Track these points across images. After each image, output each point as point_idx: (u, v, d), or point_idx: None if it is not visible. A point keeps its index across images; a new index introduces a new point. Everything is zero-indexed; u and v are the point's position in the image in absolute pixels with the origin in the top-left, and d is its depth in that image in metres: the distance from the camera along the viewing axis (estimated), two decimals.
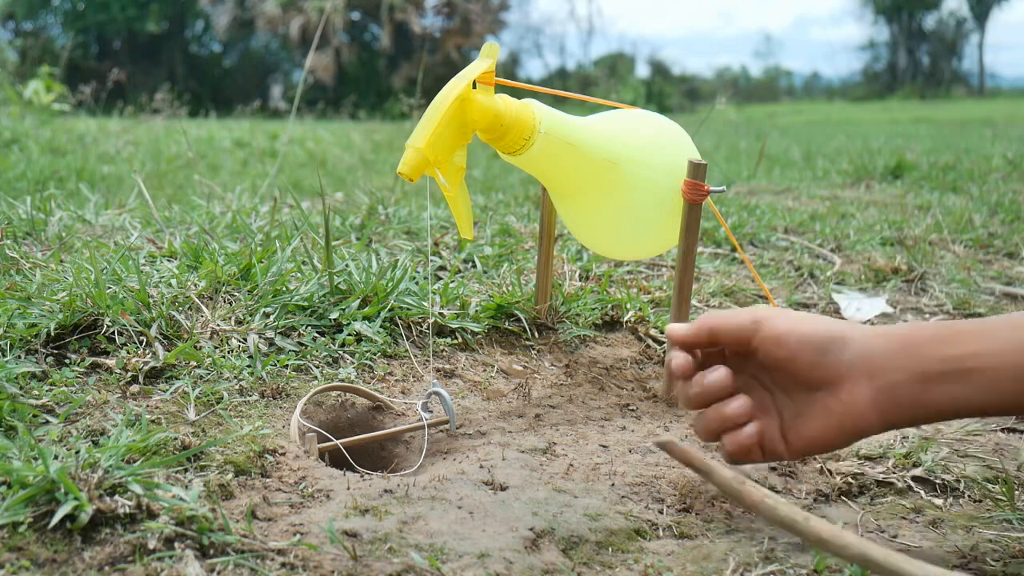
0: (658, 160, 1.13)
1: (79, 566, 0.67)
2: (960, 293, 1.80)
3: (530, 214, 2.31)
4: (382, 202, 2.15)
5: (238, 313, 1.22)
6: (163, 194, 3.11)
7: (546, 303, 1.37)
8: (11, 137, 5.31)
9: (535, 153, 1.06)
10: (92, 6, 26.20)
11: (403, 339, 1.25)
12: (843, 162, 4.55)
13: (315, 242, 1.61)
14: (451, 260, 1.67)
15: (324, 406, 1.09)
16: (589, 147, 1.09)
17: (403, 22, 23.93)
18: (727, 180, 3.74)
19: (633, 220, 1.16)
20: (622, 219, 1.16)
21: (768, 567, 0.78)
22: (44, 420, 0.91)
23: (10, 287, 1.20)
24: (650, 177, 1.12)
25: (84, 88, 7.72)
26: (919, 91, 35.63)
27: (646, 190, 1.13)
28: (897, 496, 0.96)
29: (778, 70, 50.66)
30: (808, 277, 1.89)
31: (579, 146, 1.08)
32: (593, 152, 1.09)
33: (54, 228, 1.71)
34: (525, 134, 1.05)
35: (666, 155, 1.14)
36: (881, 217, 2.61)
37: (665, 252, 1.86)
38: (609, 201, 1.14)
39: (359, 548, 0.74)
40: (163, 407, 0.98)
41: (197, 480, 0.82)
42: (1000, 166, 4.32)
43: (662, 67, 34.71)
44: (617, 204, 1.14)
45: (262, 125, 9.33)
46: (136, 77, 19.92)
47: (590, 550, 0.79)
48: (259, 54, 29.09)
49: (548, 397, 1.20)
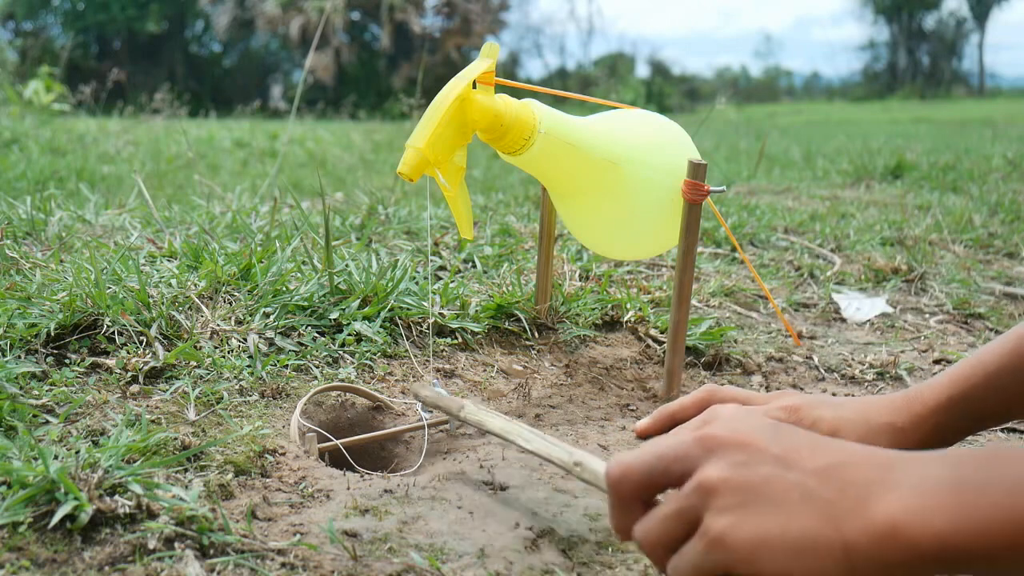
0: (658, 160, 1.13)
1: (79, 566, 0.67)
2: (960, 293, 1.80)
3: (530, 214, 2.31)
4: (382, 202, 2.15)
5: (238, 313, 1.22)
6: (163, 194, 3.11)
7: (546, 303, 1.37)
8: (11, 137, 5.31)
9: (535, 153, 1.06)
10: (92, 6, 26.20)
11: (403, 339, 1.25)
12: (843, 162, 4.56)
13: (315, 242, 1.61)
14: (451, 260, 1.67)
15: (324, 406, 1.09)
16: (589, 147, 1.09)
17: (403, 22, 23.93)
18: (727, 180, 3.74)
19: (633, 220, 1.16)
20: (622, 219, 1.16)
21: None
22: (44, 420, 0.91)
23: (10, 287, 1.20)
24: (650, 177, 1.12)
25: (84, 88, 7.73)
26: (919, 91, 35.64)
27: (646, 190, 1.13)
28: None
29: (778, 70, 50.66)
30: (808, 277, 1.89)
31: (579, 146, 1.08)
32: (593, 152, 1.09)
33: (54, 228, 1.71)
34: (525, 134, 1.05)
35: (666, 155, 1.14)
36: (881, 217, 2.61)
37: (665, 252, 1.86)
38: (609, 201, 1.14)
39: (359, 548, 0.74)
40: (163, 407, 0.98)
41: (197, 480, 0.82)
42: (1000, 166, 4.32)
43: (662, 67, 34.70)
44: (617, 204, 1.14)
45: (262, 125, 9.33)
46: (136, 77, 19.92)
47: (590, 550, 0.79)
48: (259, 54, 29.09)
49: (548, 397, 1.20)
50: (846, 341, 1.52)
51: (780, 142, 7.25)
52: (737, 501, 0.56)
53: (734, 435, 0.59)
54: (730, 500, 0.56)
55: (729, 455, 0.58)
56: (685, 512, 0.58)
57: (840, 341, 1.52)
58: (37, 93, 7.38)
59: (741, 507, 0.56)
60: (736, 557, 0.55)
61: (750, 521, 0.55)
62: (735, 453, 0.58)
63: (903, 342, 1.54)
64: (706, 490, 0.57)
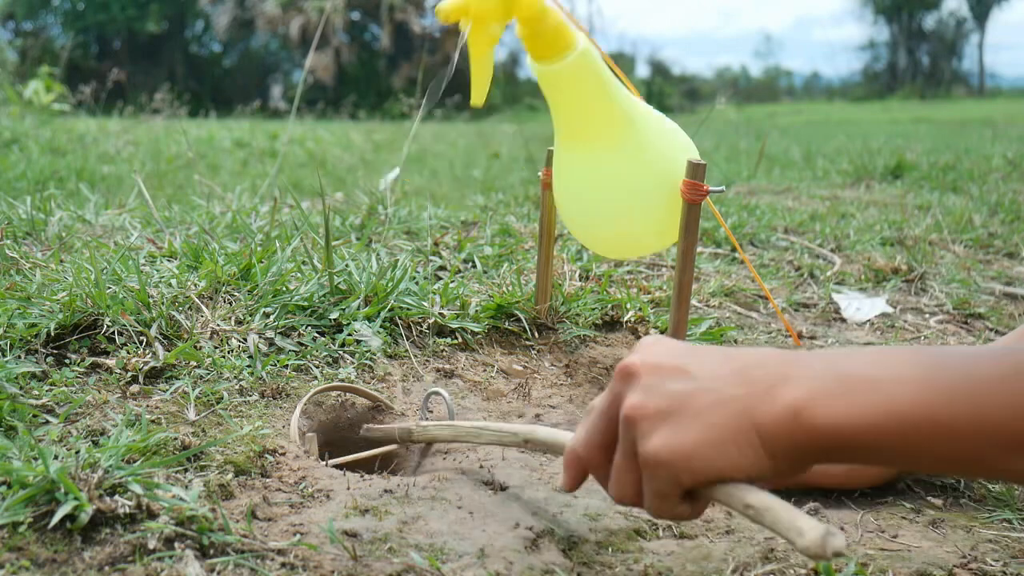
0: (666, 146, 1.13)
1: (79, 566, 0.67)
2: (960, 293, 1.80)
3: (530, 214, 2.31)
4: (382, 202, 2.15)
5: (238, 313, 1.22)
6: (163, 194, 3.11)
7: (546, 303, 1.37)
8: (11, 137, 5.31)
9: (564, 69, 1.06)
10: (92, 6, 26.21)
11: (403, 339, 1.25)
12: (843, 162, 4.55)
13: (315, 242, 1.61)
14: (451, 260, 1.67)
15: (324, 406, 1.09)
16: (615, 92, 1.10)
17: (403, 22, 23.93)
18: (727, 180, 3.74)
19: (630, 205, 1.16)
20: (619, 201, 1.16)
21: (767, 567, 0.78)
22: (44, 420, 0.91)
23: (10, 287, 1.20)
24: (654, 161, 1.12)
25: (84, 88, 7.72)
26: (919, 91, 35.61)
27: (647, 174, 1.13)
28: (897, 496, 0.96)
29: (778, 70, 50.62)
30: (808, 277, 1.89)
31: (607, 86, 1.09)
32: (616, 98, 1.10)
33: (54, 228, 1.71)
34: (562, 44, 1.05)
35: (674, 146, 1.15)
36: (881, 217, 2.61)
37: (665, 252, 1.86)
38: (609, 167, 1.14)
39: (359, 548, 0.74)
40: (163, 407, 0.98)
41: (197, 480, 0.82)
42: (1000, 166, 4.32)
43: (662, 67, 34.69)
44: (617, 176, 1.14)
45: (262, 125, 9.33)
46: (136, 77, 19.91)
47: (590, 550, 0.79)
48: (259, 54, 29.10)
49: (548, 397, 1.20)
50: (846, 341, 1.52)
51: (780, 142, 7.25)
52: (656, 423, 0.61)
53: (643, 361, 0.64)
54: (650, 424, 0.61)
55: (641, 381, 0.63)
56: (627, 452, 0.64)
57: (840, 341, 1.52)
58: (37, 93, 7.38)
59: (662, 425, 0.61)
60: (675, 470, 0.60)
61: (672, 435, 0.60)
62: (647, 377, 0.63)
63: (903, 342, 1.54)
64: (630, 422, 0.62)
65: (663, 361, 0.63)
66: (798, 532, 0.56)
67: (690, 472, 0.60)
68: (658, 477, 0.61)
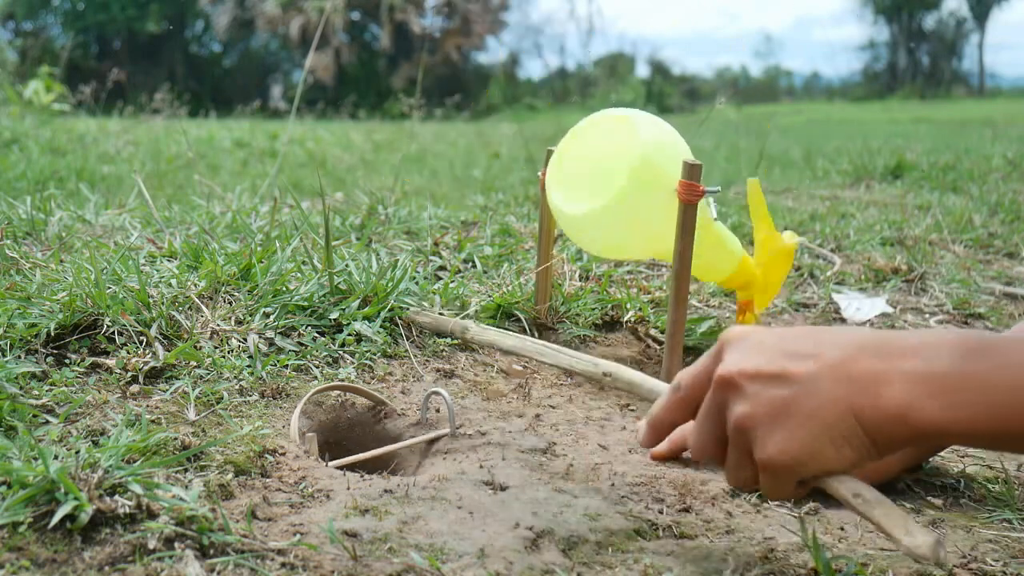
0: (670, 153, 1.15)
1: (79, 566, 0.67)
2: (960, 293, 1.80)
3: (530, 214, 2.31)
4: (382, 202, 2.15)
5: (238, 313, 1.22)
6: (163, 194, 3.11)
7: (546, 303, 1.37)
8: (11, 137, 5.30)
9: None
10: (92, 6, 26.20)
11: (403, 339, 1.25)
12: (843, 162, 4.55)
13: (315, 242, 1.61)
14: (451, 260, 1.67)
15: (324, 406, 1.09)
16: None
17: (403, 22, 23.93)
18: (727, 180, 3.74)
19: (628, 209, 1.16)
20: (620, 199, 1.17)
21: (767, 567, 0.78)
22: (44, 420, 0.91)
23: (10, 287, 1.20)
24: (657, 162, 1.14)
25: (84, 88, 7.71)
26: (919, 91, 35.58)
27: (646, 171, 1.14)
28: (897, 496, 0.96)
29: (778, 70, 50.55)
30: (808, 277, 1.89)
31: None
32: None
33: (54, 228, 1.71)
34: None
35: (676, 150, 1.16)
36: (881, 217, 2.61)
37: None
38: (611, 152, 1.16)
39: (359, 548, 0.74)
40: (163, 407, 0.98)
41: (197, 480, 0.82)
42: (1000, 166, 4.32)
43: (662, 67, 34.65)
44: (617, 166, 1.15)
45: (262, 125, 9.32)
46: (136, 77, 19.89)
47: (590, 550, 0.79)
48: (259, 54, 29.08)
49: (548, 397, 1.20)
50: None
51: (780, 142, 7.25)
52: (767, 430, 0.68)
53: (741, 370, 0.70)
54: (763, 431, 0.68)
55: (743, 390, 0.69)
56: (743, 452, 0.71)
57: None
58: (37, 93, 7.37)
59: (774, 431, 0.67)
60: (791, 469, 0.68)
61: (786, 441, 0.67)
62: (748, 386, 0.69)
63: None
64: (741, 431, 0.69)
65: (761, 368, 0.69)
66: (907, 531, 0.64)
67: (805, 470, 0.68)
68: (776, 476, 0.69)
